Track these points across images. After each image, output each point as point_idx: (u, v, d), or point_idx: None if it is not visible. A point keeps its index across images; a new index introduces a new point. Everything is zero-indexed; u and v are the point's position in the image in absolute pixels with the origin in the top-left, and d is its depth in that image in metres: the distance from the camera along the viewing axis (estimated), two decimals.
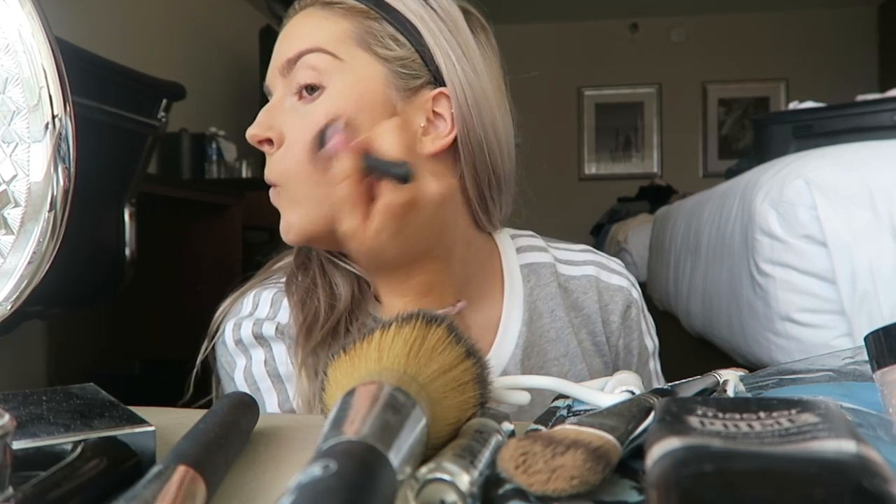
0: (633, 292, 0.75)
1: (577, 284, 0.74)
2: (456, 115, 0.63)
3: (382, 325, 0.35)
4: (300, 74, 0.62)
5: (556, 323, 0.72)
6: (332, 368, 0.35)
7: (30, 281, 0.30)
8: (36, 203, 0.30)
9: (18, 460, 0.29)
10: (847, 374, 0.43)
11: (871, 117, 1.69)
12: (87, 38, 1.70)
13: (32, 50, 0.30)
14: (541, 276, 0.73)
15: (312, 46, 0.62)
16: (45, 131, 0.30)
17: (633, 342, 0.74)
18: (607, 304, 0.74)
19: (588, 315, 0.74)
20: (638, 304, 0.75)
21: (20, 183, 0.30)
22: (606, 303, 0.74)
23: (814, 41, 5.59)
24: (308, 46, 0.62)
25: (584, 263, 0.76)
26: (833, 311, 1.27)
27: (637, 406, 0.33)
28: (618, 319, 0.74)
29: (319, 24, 0.63)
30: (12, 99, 0.30)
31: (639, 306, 0.75)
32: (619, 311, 0.74)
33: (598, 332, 0.73)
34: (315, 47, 0.62)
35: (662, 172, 5.83)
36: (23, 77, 0.30)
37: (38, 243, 0.30)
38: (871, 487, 0.20)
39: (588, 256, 0.77)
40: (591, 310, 0.74)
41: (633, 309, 0.74)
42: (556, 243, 0.78)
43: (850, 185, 1.26)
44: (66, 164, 0.30)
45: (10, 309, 0.30)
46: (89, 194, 1.47)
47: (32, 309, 1.42)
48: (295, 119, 0.63)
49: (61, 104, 0.30)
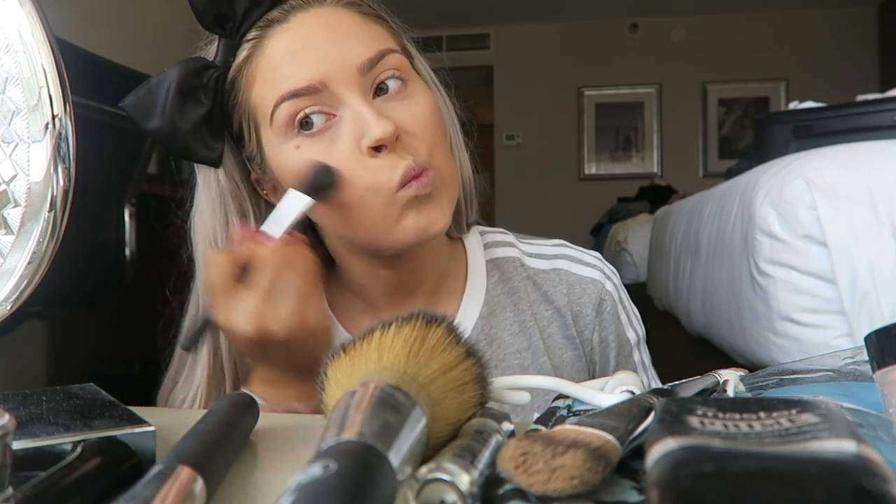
0: (606, 285, 0.75)
1: (546, 278, 0.75)
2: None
3: (382, 325, 0.35)
4: (386, 73, 0.62)
5: (519, 316, 0.73)
6: (331, 368, 0.35)
7: (30, 281, 0.30)
8: (36, 203, 0.30)
9: (18, 460, 0.29)
10: (847, 375, 0.43)
11: (872, 117, 1.69)
12: (87, 38, 1.70)
13: (32, 50, 0.30)
14: (505, 271, 0.75)
15: (390, 46, 0.64)
16: (44, 131, 0.30)
17: (609, 335, 0.74)
18: (579, 298, 0.74)
19: (558, 308, 0.74)
20: (613, 297, 0.75)
21: (20, 183, 0.30)
22: (578, 296, 0.74)
23: (814, 41, 5.59)
24: (387, 46, 0.63)
25: (554, 257, 0.76)
26: (833, 311, 1.27)
27: (637, 406, 0.33)
28: (591, 313, 0.74)
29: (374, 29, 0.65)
30: (12, 99, 0.30)
31: (615, 298, 0.75)
32: (592, 305, 0.74)
33: (568, 325, 0.74)
34: (390, 48, 0.63)
35: (662, 172, 5.84)
36: (23, 77, 0.30)
37: (38, 243, 0.30)
38: (871, 487, 0.20)
39: (560, 251, 0.77)
40: (560, 303, 0.74)
41: (607, 302, 0.74)
42: (528, 239, 0.80)
43: (851, 185, 1.26)
44: (65, 163, 0.30)
45: (10, 309, 0.30)
46: (89, 194, 1.47)
47: (32, 309, 1.42)
48: (406, 104, 0.63)
49: (61, 104, 0.30)
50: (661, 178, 5.54)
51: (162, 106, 0.62)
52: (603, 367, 0.74)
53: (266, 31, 0.63)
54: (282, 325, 0.54)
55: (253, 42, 0.63)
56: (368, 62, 0.61)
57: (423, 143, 0.62)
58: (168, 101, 0.61)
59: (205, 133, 0.64)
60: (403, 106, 0.62)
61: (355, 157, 0.60)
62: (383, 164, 0.59)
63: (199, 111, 0.63)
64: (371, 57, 0.61)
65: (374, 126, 0.58)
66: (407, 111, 0.62)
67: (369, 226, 0.61)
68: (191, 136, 0.63)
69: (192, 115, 0.63)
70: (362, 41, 0.62)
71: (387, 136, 0.58)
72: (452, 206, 0.64)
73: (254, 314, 0.54)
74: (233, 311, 0.55)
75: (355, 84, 0.60)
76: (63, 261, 0.35)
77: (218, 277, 0.55)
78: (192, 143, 0.64)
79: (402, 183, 0.59)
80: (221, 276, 0.55)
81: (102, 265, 1.63)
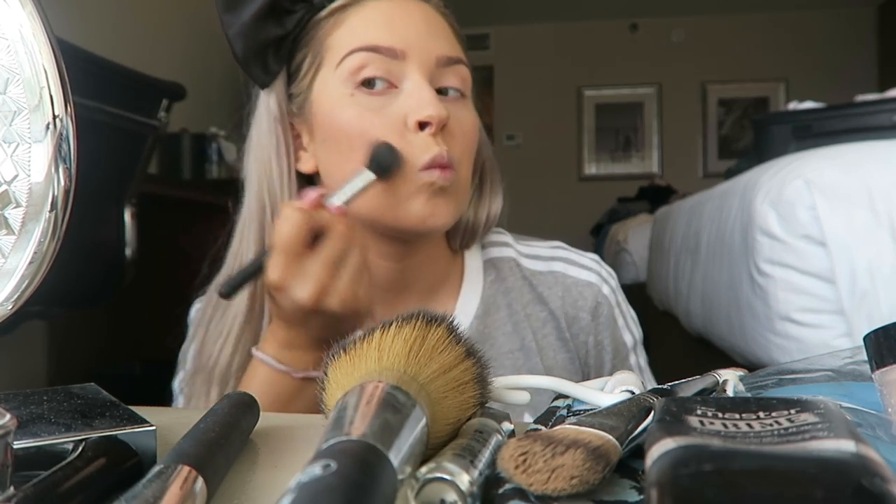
0: (603, 288, 0.75)
1: (542, 279, 0.75)
2: None
3: (382, 325, 0.35)
4: (454, 79, 0.67)
5: (514, 317, 0.73)
6: (331, 368, 0.35)
7: (31, 281, 0.30)
8: (37, 203, 0.30)
9: (19, 460, 0.30)
10: (846, 374, 0.43)
11: (871, 117, 1.69)
12: (88, 38, 1.71)
13: (33, 50, 0.30)
14: (500, 270, 0.76)
15: (465, 60, 0.68)
16: (45, 131, 0.30)
17: (604, 339, 0.74)
18: (576, 301, 0.74)
19: (552, 310, 0.74)
20: (610, 300, 0.75)
21: (21, 183, 0.30)
22: (575, 299, 0.74)
23: (814, 41, 5.59)
24: (460, 55, 0.68)
25: (551, 259, 0.77)
26: (832, 311, 1.27)
27: (637, 406, 0.33)
28: (587, 316, 0.74)
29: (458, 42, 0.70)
30: (13, 99, 0.30)
31: (611, 302, 0.75)
32: (588, 308, 0.74)
33: (562, 327, 0.73)
34: (465, 61, 0.68)
35: (662, 172, 5.84)
36: (24, 77, 0.30)
37: (39, 243, 0.30)
38: (870, 487, 0.20)
39: (557, 252, 0.77)
40: (555, 305, 0.74)
41: (603, 306, 0.74)
42: (525, 240, 0.80)
43: (850, 186, 1.26)
44: (66, 164, 0.30)
45: (11, 309, 0.30)
46: (90, 194, 1.47)
47: (33, 309, 1.42)
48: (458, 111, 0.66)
49: (62, 104, 0.30)
50: (660, 178, 5.54)
51: (248, 8, 0.64)
52: (598, 371, 0.74)
53: None
54: (339, 299, 0.55)
55: None
56: (447, 59, 0.66)
57: (460, 148, 0.65)
58: (256, 7, 0.64)
59: (270, 54, 0.67)
60: (455, 110, 0.66)
61: (398, 128, 0.62)
62: (421, 142, 0.62)
63: (275, 32, 0.66)
64: (452, 56, 0.66)
65: (432, 104, 0.62)
66: (457, 115, 0.65)
67: (383, 196, 0.63)
68: (257, 49, 0.66)
69: (268, 32, 0.66)
70: (449, 41, 0.67)
71: (438, 117, 0.61)
72: (458, 213, 0.66)
73: (316, 283, 0.54)
74: (296, 275, 0.54)
75: (428, 70, 0.64)
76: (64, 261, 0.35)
77: (292, 237, 0.54)
78: (255, 57, 0.66)
79: (429, 164, 0.62)
80: (296, 236, 0.54)
81: (102, 265, 1.63)
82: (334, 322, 0.56)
